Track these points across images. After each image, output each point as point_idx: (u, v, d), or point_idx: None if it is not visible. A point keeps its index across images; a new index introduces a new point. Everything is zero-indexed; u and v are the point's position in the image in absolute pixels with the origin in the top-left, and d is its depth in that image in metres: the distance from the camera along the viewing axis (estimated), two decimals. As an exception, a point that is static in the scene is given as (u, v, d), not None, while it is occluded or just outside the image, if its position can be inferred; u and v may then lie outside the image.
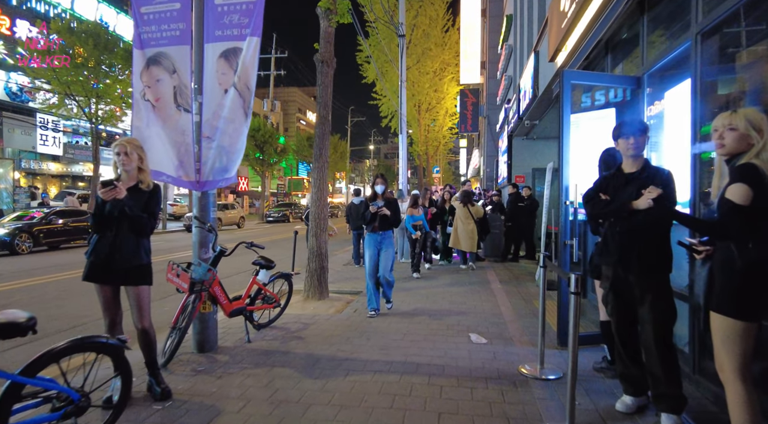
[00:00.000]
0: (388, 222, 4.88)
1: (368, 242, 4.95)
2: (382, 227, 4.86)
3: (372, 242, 4.95)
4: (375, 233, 4.91)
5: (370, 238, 4.95)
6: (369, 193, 5.04)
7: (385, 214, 4.76)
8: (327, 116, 5.93)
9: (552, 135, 12.21)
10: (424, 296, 6.01)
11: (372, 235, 4.93)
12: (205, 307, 3.65)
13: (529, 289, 6.61)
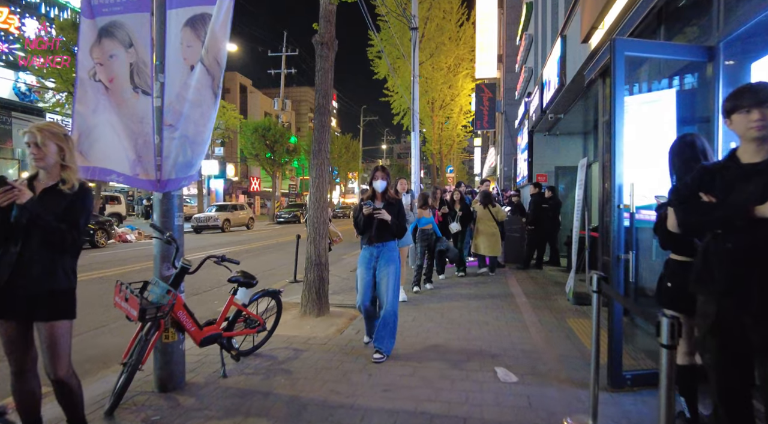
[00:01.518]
0: (389, 230, 3.61)
1: (361, 260, 3.69)
2: (380, 236, 3.59)
3: (366, 259, 3.64)
4: (371, 245, 3.64)
5: (364, 253, 3.70)
6: (366, 192, 3.83)
7: (383, 218, 3.50)
8: (327, 106, 5.20)
9: (576, 130, 11.31)
10: (438, 313, 5.23)
11: (367, 248, 3.67)
12: (167, 336, 2.94)
13: (558, 303, 5.78)
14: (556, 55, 7.84)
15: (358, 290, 3.72)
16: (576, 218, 6.03)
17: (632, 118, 3.66)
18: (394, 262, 3.65)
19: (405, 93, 17.35)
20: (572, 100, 8.24)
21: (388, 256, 3.65)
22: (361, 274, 3.69)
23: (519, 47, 14.58)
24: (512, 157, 15.45)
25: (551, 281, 7.42)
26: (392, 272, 3.60)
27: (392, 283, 3.59)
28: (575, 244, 5.91)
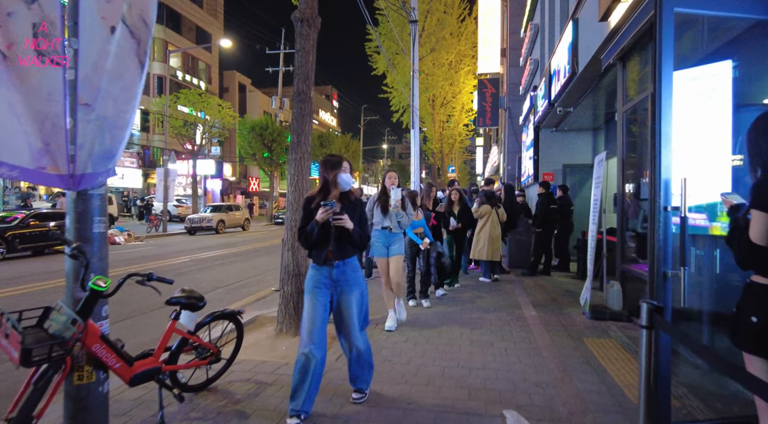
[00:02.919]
0: (351, 242, 2.67)
1: (311, 285, 2.67)
2: (342, 251, 2.65)
3: (321, 284, 2.66)
4: (327, 265, 2.65)
5: (316, 276, 2.67)
6: (315, 189, 2.78)
7: (346, 226, 2.58)
8: (308, 91, 4.53)
9: (586, 126, 10.61)
10: (434, 331, 4.55)
11: (321, 269, 2.66)
12: (81, 376, 2.27)
13: (572, 317, 5.09)
14: (567, 40, 7.15)
15: (303, 327, 2.62)
16: (592, 220, 5.33)
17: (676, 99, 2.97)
18: (360, 285, 2.75)
19: (404, 89, 16.70)
20: (584, 90, 7.55)
21: (353, 278, 2.71)
22: (311, 306, 2.61)
23: (523, 40, 13.88)
24: (516, 156, 14.75)
25: (562, 290, 6.73)
26: (358, 298, 2.73)
27: (359, 311, 2.76)
28: (591, 249, 5.22)
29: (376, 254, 4.67)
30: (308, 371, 2.52)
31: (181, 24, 36.29)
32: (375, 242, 4.64)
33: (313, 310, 2.62)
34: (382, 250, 4.62)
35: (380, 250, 4.63)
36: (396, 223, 4.59)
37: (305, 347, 2.57)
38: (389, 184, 4.58)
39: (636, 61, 4.98)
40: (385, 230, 4.60)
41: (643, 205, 4.95)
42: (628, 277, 5.09)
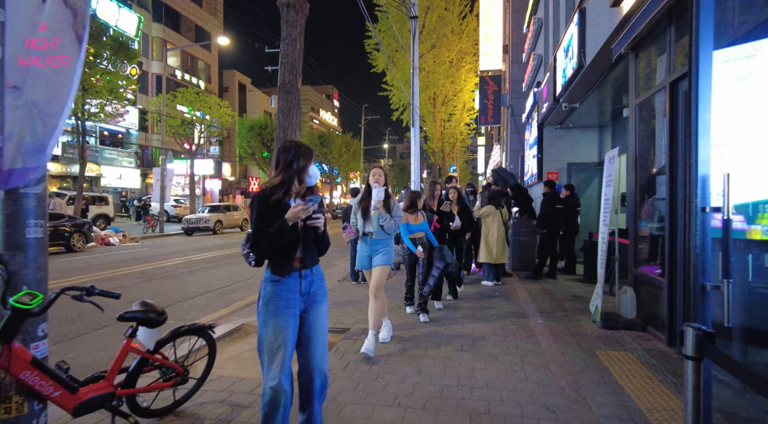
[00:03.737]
0: (319, 247, 2.30)
1: (279, 302, 2.16)
2: (312, 258, 2.26)
3: (290, 300, 2.17)
4: (294, 274, 2.19)
5: (283, 291, 2.17)
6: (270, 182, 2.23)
7: (319, 227, 2.19)
8: (295, 82, 4.17)
9: (592, 123, 10.23)
10: (433, 342, 4.19)
11: (289, 281, 2.18)
12: (8, 409, 1.92)
13: (582, 325, 4.72)
14: (574, 32, 6.78)
15: (270, 357, 2.10)
16: (602, 220, 4.96)
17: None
18: (326, 295, 2.35)
19: (404, 87, 16.34)
20: (591, 85, 7.18)
21: (322, 288, 2.31)
22: (280, 330, 2.11)
23: (527, 35, 13.50)
24: (519, 154, 14.38)
25: (569, 295, 6.35)
26: (326, 313, 2.33)
27: (324, 335, 2.31)
28: (602, 252, 4.85)
29: (359, 266, 4.07)
30: (278, 407, 2.09)
31: (180, 23, 36.01)
32: (358, 251, 4.07)
33: (283, 335, 2.11)
34: (365, 261, 4.02)
35: (363, 261, 4.03)
36: (378, 227, 3.92)
37: (273, 380, 2.07)
38: (373, 182, 3.95)
39: (650, 50, 4.61)
40: (367, 236, 3.99)
41: (659, 205, 4.57)
42: (642, 282, 4.72)
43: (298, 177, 2.23)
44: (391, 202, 3.97)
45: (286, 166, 2.21)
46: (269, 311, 2.15)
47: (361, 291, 6.67)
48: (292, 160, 2.21)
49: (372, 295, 3.94)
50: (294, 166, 2.21)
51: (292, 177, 2.21)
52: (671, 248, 3.93)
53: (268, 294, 2.17)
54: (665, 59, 4.09)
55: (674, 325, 3.89)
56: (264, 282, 2.20)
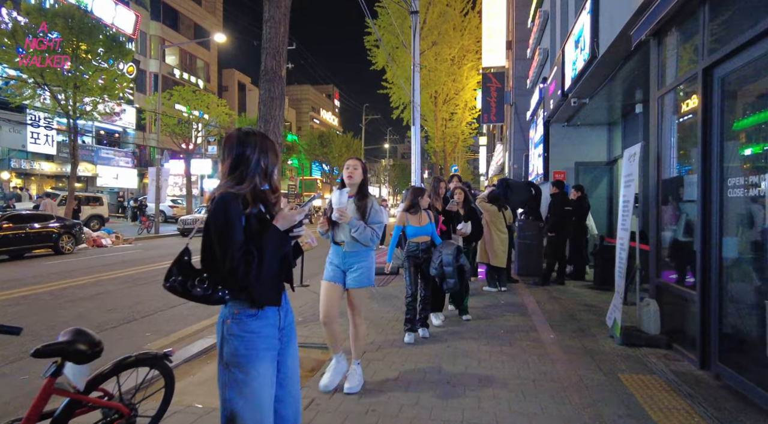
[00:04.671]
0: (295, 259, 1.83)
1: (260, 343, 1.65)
2: (290, 280, 1.82)
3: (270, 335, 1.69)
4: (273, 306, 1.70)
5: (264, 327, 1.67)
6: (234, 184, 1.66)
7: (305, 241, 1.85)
8: (278, 70, 3.72)
9: (601, 121, 9.75)
10: (434, 367, 3.72)
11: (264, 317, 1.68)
12: None
13: (599, 341, 4.25)
14: (585, 21, 6.31)
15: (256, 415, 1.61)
16: (621, 224, 4.49)
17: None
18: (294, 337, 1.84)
19: (405, 84, 15.89)
20: (603, 78, 6.70)
21: (293, 320, 1.84)
22: (265, 378, 1.64)
23: (531, 30, 13.02)
24: (523, 153, 13.90)
25: (580, 304, 5.88)
26: (297, 351, 1.86)
27: (299, 376, 1.89)
28: (621, 260, 4.38)
29: (326, 277, 3.16)
30: None
31: (179, 21, 35.61)
32: (328, 260, 3.22)
33: (269, 385, 1.65)
34: (335, 272, 3.15)
35: (332, 272, 3.15)
36: (349, 236, 3.04)
37: None
38: (347, 177, 3.09)
39: (676, 35, 4.14)
40: (338, 245, 3.16)
41: (684, 208, 4.10)
42: (665, 293, 4.25)
43: (270, 182, 1.74)
44: (368, 205, 3.09)
45: (250, 163, 1.69)
46: (248, 361, 1.61)
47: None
48: (263, 154, 1.72)
49: (351, 322, 3.24)
50: (264, 165, 1.72)
51: (261, 181, 1.71)
52: (704, 256, 3.46)
53: (246, 336, 1.62)
54: (697, 43, 3.62)
55: (708, 345, 3.42)
56: (233, 320, 1.62)
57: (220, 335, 1.65)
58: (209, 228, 1.58)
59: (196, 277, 1.62)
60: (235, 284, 1.57)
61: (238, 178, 1.66)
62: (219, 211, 1.57)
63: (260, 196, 1.68)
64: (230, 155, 1.70)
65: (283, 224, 1.65)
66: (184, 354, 3.84)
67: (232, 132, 1.74)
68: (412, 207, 4.25)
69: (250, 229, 1.61)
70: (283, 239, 1.65)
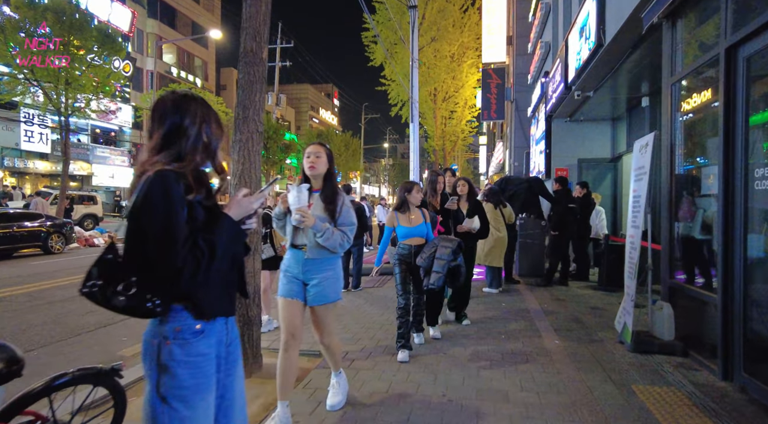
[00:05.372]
0: None
1: (199, 375, 1.32)
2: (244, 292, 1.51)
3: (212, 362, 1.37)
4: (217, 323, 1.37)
5: (207, 349, 1.35)
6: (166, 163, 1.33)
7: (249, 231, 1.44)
8: (258, 52, 3.40)
9: (604, 116, 9.44)
10: (430, 377, 3.40)
11: (207, 338, 1.34)
12: None
13: (608, 348, 3.93)
14: (591, 8, 5.99)
15: None
16: (631, 222, 4.17)
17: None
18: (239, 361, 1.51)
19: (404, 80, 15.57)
20: (609, 69, 6.39)
21: (238, 333, 1.53)
22: (209, 405, 1.36)
23: (532, 24, 12.71)
24: (524, 151, 13.58)
25: (586, 306, 5.56)
26: (242, 371, 1.53)
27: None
28: (631, 260, 4.06)
29: (282, 292, 2.58)
30: None
31: (176, 19, 35.28)
32: (283, 268, 2.63)
33: (212, 417, 1.37)
34: (293, 285, 2.56)
35: (290, 285, 2.56)
36: (313, 240, 2.49)
37: None
38: (308, 167, 2.55)
39: (693, 15, 3.82)
40: (297, 250, 2.58)
41: (702, 203, 3.78)
42: (680, 295, 3.93)
43: (213, 162, 1.40)
44: (338, 202, 2.55)
45: (193, 139, 1.35)
46: (197, 392, 1.30)
47: (349, 301, 5.90)
48: (199, 130, 1.37)
49: (319, 342, 2.69)
50: (204, 137, 1.38)
51: (203, 159, 1.37)
52: (726, 255, 3.14)
53: (194, 361, 1.30)
54: (717, 21, 3.30)
55: (731, 353, 3.10)
56: (175, 341, 1.28)
57: (154, 362, 1.29)
58: (140, 215, 1.23)
59: (122, 281, 1.27)
60: (177, 290, 1.25)
61: (175, 156, 1.32)
62: (157, 193, 1.22)
63: (203, 179, 1.36)
64: (162, 125, 1.34)
65: (237, 212, 1.36)
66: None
67: (164, 95, 1.39)
68: (400, 206, 3.80)
69: (194, 220, 1.28)
70: (237, 232, 1.35)
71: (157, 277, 1.22)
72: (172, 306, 1.29)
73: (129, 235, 1.27)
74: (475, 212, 4.67)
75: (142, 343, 1.34)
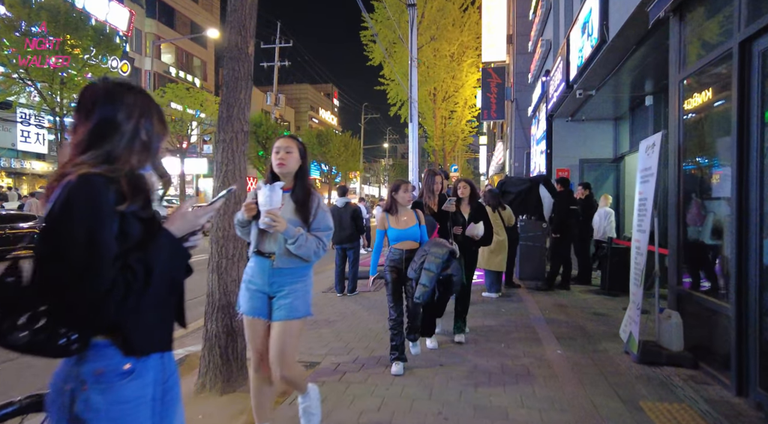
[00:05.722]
0: None
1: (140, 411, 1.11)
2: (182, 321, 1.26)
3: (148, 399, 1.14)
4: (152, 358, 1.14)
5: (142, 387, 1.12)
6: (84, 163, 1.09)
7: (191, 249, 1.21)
8: (245, 47, 3.21)
9: (607, 115, 9.25)
10: (424, 392, 3.21)
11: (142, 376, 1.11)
12: None
13: (613, 359, 3.74)
14: (594, 4, 5.81)
15: None
16: (637, 226, 3.98)
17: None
18: None
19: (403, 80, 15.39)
20: (612, 66, 6.20)
21: (176, 367, 1.29)
22: None
23: (533, 22, 12.52)
24: (524, 151, 13.39)
25: (588, 312, 5.37)
26: (182, 408, 1.30)
27: None
28: (637, 265, 3.87)
29: (242, 308, 2.27)
30: None
31: (175, 19, 35.09)
32: (245, 280, 2.28)
33: None
34: (257, 300, 2.23)
35: (253, 300, 2.23)
36: (283, 247, 2.18)
37: None
38: (276, 164, 2.24)
39: (702, 8, 3.63)
40: (263, 258, 2.23)
41: (712, 206, 3.60)
42: (687, 302, 3.74)
43: (154, 165, 1.18)
44: (313, 203, 2.26)
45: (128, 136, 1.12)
46: None
47: (344, 306, 5.72)
48: (137, 126, 1.14)
49: (275, 362, 2.19)
50: (143, 135, 1.15)
51: (141, 161, 1.15)
52: (740, 262, 2.95)
53: (119, 409, 1.07)
54: (731, 14, 3.11)
55: (745, 367, 2.91)
56: (95, 387, 1.05)
57: (65, 414, 1.04)
58: (57, 228, 1.00)
59: (26, 311, 1.01)
60: (100, 320, 1.01)
61: (105, 156, 1.09)
62: (80, 201, 1.00)
63: (141, 184, 1.13)
64: (90, 118, 1.11)
65: (180, 226, 1.15)
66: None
67: (95, 82, 1.16)
68: (389, 208, 3.50)
69: (126, 235, 1.07)
70: (178, 250, 1.15)
71: (76, 305, 0.98)
72: (94, 341, 1.06)
73: (41, 251, 1.02)
74: (478, 217, 4.30)
75: (49, 388, 1.08)
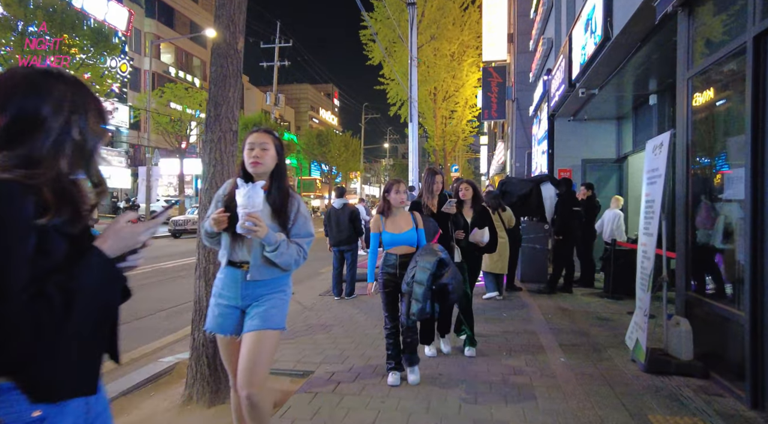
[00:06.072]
0: None
1: None
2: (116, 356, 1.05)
3: None
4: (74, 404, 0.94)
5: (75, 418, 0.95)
6: None
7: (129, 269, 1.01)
8: (234, 43, 3.06)
9: (609, 115, 9.10)
10: (422, 405, 3.07)
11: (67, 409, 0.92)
12: None
13: (619, 367, 3.59)
14: (597, 0, 5.65)
15: None
16: (644, 228, 3.83)
17: None
18: None
19: (403, 80, 15.25)
20: (617, 64, 6.04)
21: (107, 404, 1.09)
22: None
23: (534, 20, 12.37)
24: (525, 151, 13.23)
25: (592, 317, 5.22)
26: None
27: None
28: (643, 270, 3.72)
29: (209, 326, 2.05)
30: None
31: (174, 19, 35.00)
32: (216, 296, 2.05)
33: None
34: (228, 316, 2.02)
35: (223, 318, 2.02)
36: (260, 256, 1.96)
37: None
38: (251, 165, 1.98)
39: (714, 1, 3.48)
40: (236, 269, 2.01)
41: (723, 209, 3.45)
42: (697, 309, 3.59)
43: (88, 170, 1.00)
44: (292, 206, 2.03)
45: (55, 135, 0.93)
46: None
47: (342, 310, 5.58)
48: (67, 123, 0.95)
49: (241, 398, 1.94)
50: (74, 134, 0.96)
51: (72, 166, 0.96)
52: (754, 268, 2.80)
53: None
54: (742, 8, 2.96)
55: (760, 379, 2.76)
56: None
57: None
58: None
59: None
60: (5, 360, 0.84)
61: (24, 159, 0.90)
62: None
63: (69, 194, 0.94)
64: (4, 113, 0.91)
65: (114, 245, 0.97)
66: (119, 386, 3.19)
67: (14, 68, 0.98)
68: (384, 210, 3.25)
69: (47, 254, 0.88)
70: (110, 274, 0.96)
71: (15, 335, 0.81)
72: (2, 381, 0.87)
73: None
74: (482, 221, 4.00)
75: None
